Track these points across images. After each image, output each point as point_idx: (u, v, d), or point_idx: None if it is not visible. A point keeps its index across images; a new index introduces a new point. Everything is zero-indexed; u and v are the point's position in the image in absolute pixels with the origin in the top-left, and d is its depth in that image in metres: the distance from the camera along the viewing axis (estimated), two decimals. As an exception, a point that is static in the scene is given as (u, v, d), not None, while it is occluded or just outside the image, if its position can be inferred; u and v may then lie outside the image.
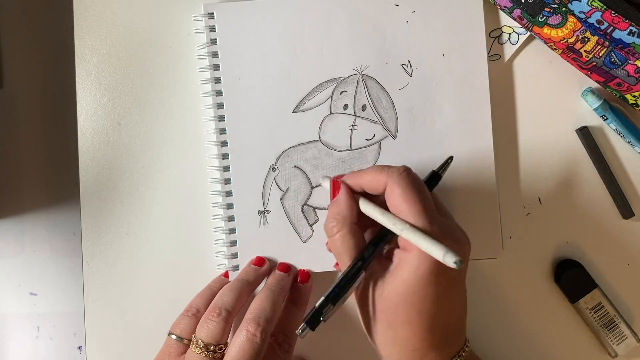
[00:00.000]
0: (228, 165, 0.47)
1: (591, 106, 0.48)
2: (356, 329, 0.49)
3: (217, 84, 0.47)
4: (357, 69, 0.48)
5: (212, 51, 0.47)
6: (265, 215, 0.47)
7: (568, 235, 0.50)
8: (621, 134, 0.48)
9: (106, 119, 0.49)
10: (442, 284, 0.37)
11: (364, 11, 0.47)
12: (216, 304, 0.42)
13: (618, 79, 0.44)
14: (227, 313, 0.42)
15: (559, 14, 0.43)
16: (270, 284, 0.45)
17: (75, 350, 0.55)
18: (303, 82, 0.47)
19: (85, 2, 0.49)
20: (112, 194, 0.49)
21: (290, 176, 0.48)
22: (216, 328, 0.41)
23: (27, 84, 0.53)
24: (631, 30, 0.42)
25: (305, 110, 0.48)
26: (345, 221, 0.40)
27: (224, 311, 0.42)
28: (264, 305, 0.42)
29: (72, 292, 0.54)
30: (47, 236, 0.54)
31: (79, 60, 0.49)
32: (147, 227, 0.49)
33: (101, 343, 0.48)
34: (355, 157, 0.48)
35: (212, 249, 0.48)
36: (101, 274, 0.49)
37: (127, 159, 0.49)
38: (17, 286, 0.54)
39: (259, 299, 0.43)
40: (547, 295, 0.50)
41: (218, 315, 0.41)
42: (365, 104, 0.48)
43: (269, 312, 0.42)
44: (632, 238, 0.50)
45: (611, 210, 0.50)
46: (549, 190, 0.49)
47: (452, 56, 0.48)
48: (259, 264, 0.46)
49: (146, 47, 0.49)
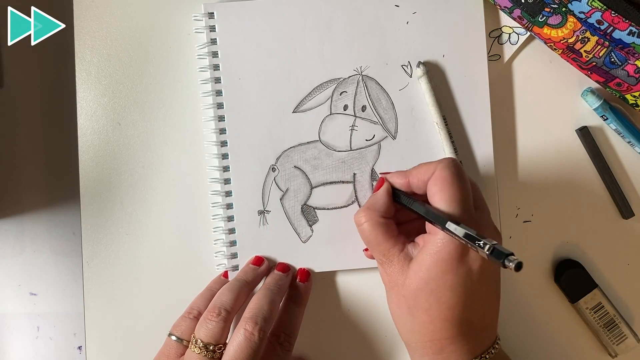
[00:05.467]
0: (228, 165, 0.47)
1: (591, 106, 0.48)
2: (356, 329, 0.49)
3: (217, 83, 0.47)
4: (357, 70, 0.48)
5: (212, 51, 0.47)
6: (265, 216, 0.47)
7: (568, 235, 0.50)
8: (621, 134, 0.48)
9: (106, 119, 0.49)
10: (462, 275, 0.37)
11: (364, 12, 0.47)
12: (215, 304, 0.42)
13: (618, 79, 0.44)
14: (226, 313, 0.42)
15: (559, 14, 0.43)
16: (269, 284, 0.45)
17: (75, 350, 0.55)
18: (303, 82, 0.47)
19: (85, 2, 0.48)
20: (112, 194, 0.49)
21: (290, 176, 0.48)
22: (215, 328, 0.41)
23: (27, 84, 0.53)
24: (631, 30, 0.42)
25: (305, 110, 0.48)
26: (374, 213, 0.41)
27: (223, 311, 0.42)
28: (262, 304, 0.42)
29: (72, 292, 0.54)
30: (47, 236, 0.54)
31: (79, 60, 0.49)
32: (147, 227, 0.49)
33: (101, 343, 0.48)
34: (355, 158, 0.48)
35: (212, 249, 0.48)
36: (101, 274, 0.49)
37: (127, 159, 0.49)
38: (17, 286, 0.54)
39: (256, 298, 0.43)
40: (547, 295, 0.50)
41: (217, 315, 0.41)
42: (365, 105, 0.48)
43: (266, 311, 0.42)
44: (632, 238, 0.50)
45: (611, 210, 0.50)
46: (549, 190, 0.49)
47: (452, 57, 0.48)
48: (257, 264, 0.47)
49: (146, 47, 0.49)
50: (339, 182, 0.48)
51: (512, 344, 0.49)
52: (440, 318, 0.38)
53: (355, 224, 0.42)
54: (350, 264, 0.48)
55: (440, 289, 0.38)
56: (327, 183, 0.48)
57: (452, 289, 0.38)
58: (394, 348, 0.49)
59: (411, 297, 0.39)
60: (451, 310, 0.38)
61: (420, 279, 0.38)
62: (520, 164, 0.49)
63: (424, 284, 0.38)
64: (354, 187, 0.48)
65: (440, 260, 0.37)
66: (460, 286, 0.38)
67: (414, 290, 0.38)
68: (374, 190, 0.44)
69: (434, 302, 0.38)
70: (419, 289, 0.38)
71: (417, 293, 0.38)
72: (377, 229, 0.41)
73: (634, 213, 0.49)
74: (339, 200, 0.48)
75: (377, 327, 0.49)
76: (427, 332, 0.39)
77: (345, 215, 0.47)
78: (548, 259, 0.50)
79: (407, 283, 0.39)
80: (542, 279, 0.50)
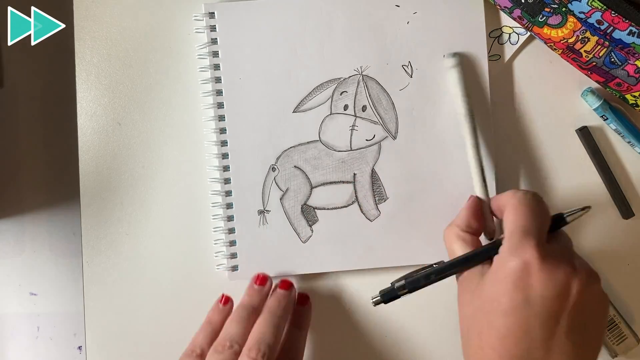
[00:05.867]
0: (228, 165, 0.47)
1: (591, 106, 0.48)
2: (356, 329, 0.49)
3: (218, 83, 0.47)
4: (358, 70, 0.48)
5: (212, 51, 0.47)
6: (265, 215, 0.47)
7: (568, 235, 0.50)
8: (621, 134, 0.48)
9: (106, 119, 0.49)
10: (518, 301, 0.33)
11: (365, 11, 0.47)
12: (225, 337, 0.42)
13: (618, 79, 0.44)
14: (238, 346, 0.41)
15: (559, 14, 0.43)
16: (272, 307, 0.44)
17: (75, 350, 0.55)
18: (303, 82, 0.47)
19: (85, 2, 0.48)
20: (112, 194, 0.49)
21: (290, 176, 0.48)
22: (228, 358, 0.41)
23: (27, 84, 0.53)
24: (631, 30, 0.42)
25: (305, 110, 0.48)
26: (455, 224, 0.42)
27: (235, 345, 0.41)
28: (265, 330, 0.42)
29: (72, 292, 0.54)
30: (47, 236, 0.54)
31: (79, 60, 0.49)
32: (147, 227, 0.49)
33: (101, 343, 0.48)
34: (356, 158, 0.48)
35: (212, 249, 0.48)
36: (101, 274, 0.49)
37: (127, 159, 0.49)
38: (17, 286, 0.54)
39: (260, 324, 0.42)
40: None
41: (229, 347, 0.41)
42: (366, 105, 0.48)
43: (269, 337, 0.41)
44: (632, 238, 0.50)
45: (611, 210, 0.50)
46: (549, 190, 0.49)
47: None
48: (262, 284, 0.46)
49: (146, 47, 0.49)
50: (339, 182, 0.48)
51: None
52: (490, 346, 0.34)
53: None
54: (350, 265, 0.48)
55: (494, 313, 0.34)
56: (327, 183, 0.48)
57: (504, 315, 0.34)
58: (394, 348, 0.49)
59: (470, 317, 0.37)
60: (501, 341, 0.34)
61: (479, 298, 0.36)
62: (520, 164, 0.49)
63: (480, 304, 0.35)
64: (354, 187, 0.48)
65: (497, 281, 0.35)
66: (514, 314, 0.33)
67: (474, 310, 0.36)
68: None
69: (486, 325, 0.35)
70: (477, 308, 0.36)
71: (475, 313, 0.36)
72: (454, 241, 0.41)
73: (634, 213, 0.49)
74: (339, 201, 0.48)
75: (377, 328, 0.49)
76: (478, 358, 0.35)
77: (345, 215, 0.47)
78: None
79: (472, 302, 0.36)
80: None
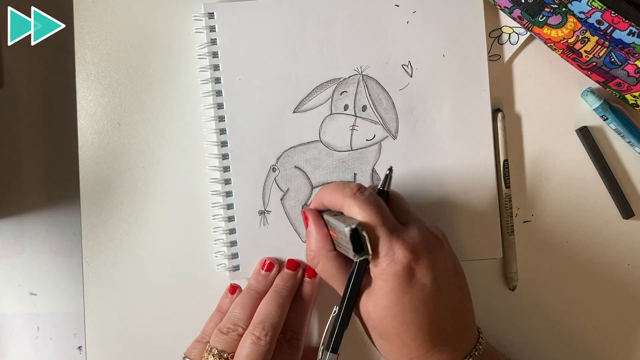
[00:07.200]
0: (228, 166, 0.47)
1: (591, 106, 0.48)
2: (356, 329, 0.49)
3: (217, 84, 0.47)
4: (358, 69, 0.48)
5: (212, 51, 0.47)
6: (266, 216, 0.47)
7: (568, 235, 0.50)
8: (621, 134, 0.48)
9: (106, 119, 0.49)
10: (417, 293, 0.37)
11: (365, 11, 0.47)
12: (230, 319, 0.43)
13: (618, 79, 0.44)
14: (242, 329, 0.42)
15: (559, 14, 0.43)
16: (278, 286, 0.45)
17: (75, 350, 0.55)
18: (303, 82, 0.47)
19: (85, 2, 0.48)
20: (112, 194, 0.49)
21: (291, 176, 0.48)
22: (230, 338, 0.42)
23: (27, 84, 0.53)
24: (631, 30, 0.42)
25: (305, 110, 0.48)
26: (321, 252, 0.41)
27: (239, 327, 0.43)
28: (270, 309, 0.43)
29: (72, 292, 0.54)
30: (47, 236, 0.54)
31: (79, 60, 0.49)
32: (147, 227, 0.49)
33: (101, 343, 0.48)
34: (356, 158, 0.48)
35: (212, 249, 0.48)
36: (101, 274, 0.49)
37: (127, 159, 0.49)
38: (17, 286, 0.54)
39: (265, 303, 0.43)
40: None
41: (234, 330, 0.42)
42: (366, 105, 0.48)
43: (274, 316, 0.42)
44: (632, 238, 0.50)
45: (611, 210, 0.50)
46: (549, 190, 0.49)
47: (453, 56, 0.48)
48: (269, 270, 0.46)
49: (146, 47, 0.49)
50: (339, 182, 0.48)
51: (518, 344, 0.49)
52: (411, 338, 0.38)
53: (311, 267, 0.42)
54: (351, 264, 0.48)
55: (402, 313, 0.38)
56: (328, 183, 0.48)
57: (413, 310, 0.37)
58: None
59: (378, 326, 0.39)
60: (419, 328, 0.38)
61: (381, 308, 0.38)
62: (521, 164, 0.49)
63: (385, 312, 0.38)
64: (354, 187, 0.48)
65: (391, 290, 0.37)
66: (421, 304, 0.37)
67: (379, 319, 0.38)
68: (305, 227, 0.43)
69: (400, 325, 0.38)
70: (382, 317, 0.38)
71: (382, 321, 0.38)
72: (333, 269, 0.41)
73: (634, 213, 0.49)
74: (339, 200, 0.48)
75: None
76: (404, 354, 0.39)
77: (345, 215, 0.47)
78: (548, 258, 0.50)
79: (371, 314, 0.39)
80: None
